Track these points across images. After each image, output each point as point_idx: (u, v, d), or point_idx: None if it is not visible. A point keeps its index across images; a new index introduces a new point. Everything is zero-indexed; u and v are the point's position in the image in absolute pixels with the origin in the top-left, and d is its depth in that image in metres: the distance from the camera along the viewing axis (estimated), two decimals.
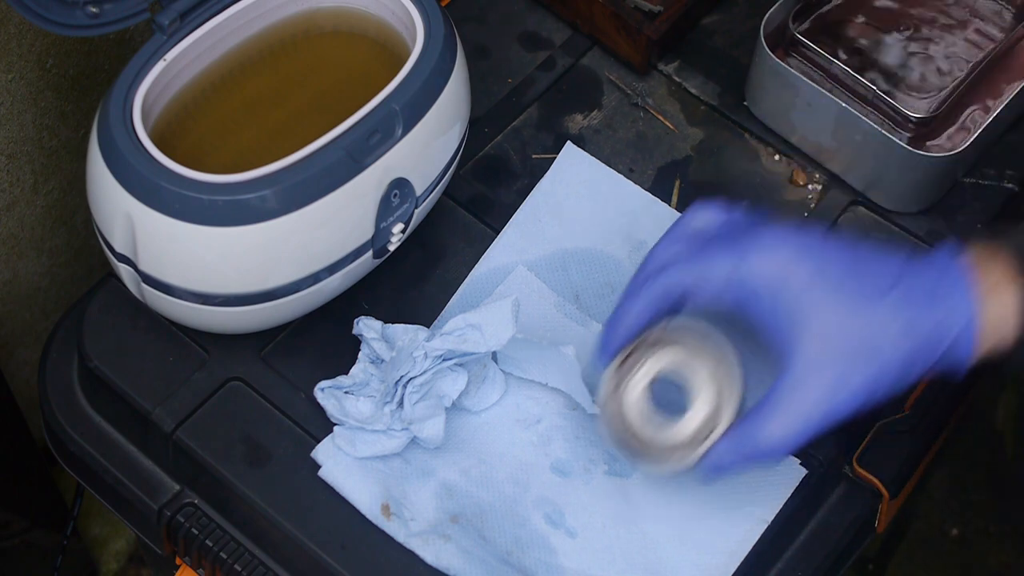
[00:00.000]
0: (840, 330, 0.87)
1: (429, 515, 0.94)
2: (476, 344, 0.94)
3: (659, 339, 0.92)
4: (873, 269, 0.88)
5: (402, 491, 0.94)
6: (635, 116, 1.13)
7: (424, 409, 0.94)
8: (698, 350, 0.92)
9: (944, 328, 0.87)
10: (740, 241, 0.89)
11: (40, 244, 1.29)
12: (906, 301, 0.87)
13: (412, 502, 0.94)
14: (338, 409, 0.95)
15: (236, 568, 0.97)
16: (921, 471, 1.06)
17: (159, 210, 0.89)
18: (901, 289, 0.87)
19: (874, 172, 1.08)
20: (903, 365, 0.87)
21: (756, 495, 0.96)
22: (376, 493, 0.94)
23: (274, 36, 1.00)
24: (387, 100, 0.93)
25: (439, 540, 0.92)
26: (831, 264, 0.88)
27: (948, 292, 0.87)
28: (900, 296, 0.87)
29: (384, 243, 0.98)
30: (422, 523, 0.93)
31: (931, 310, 0.87)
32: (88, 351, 1.00)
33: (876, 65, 1.11)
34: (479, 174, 1.09)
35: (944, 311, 0.87)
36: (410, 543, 0.92)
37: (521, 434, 0.98)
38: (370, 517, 0.93)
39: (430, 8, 0.98)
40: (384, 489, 0.94)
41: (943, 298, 0.87)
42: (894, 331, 0.87)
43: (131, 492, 1.00)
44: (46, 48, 1.16)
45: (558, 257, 1.06)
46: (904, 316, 0.87)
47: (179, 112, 0.97)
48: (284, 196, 0.90)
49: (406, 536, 0.93)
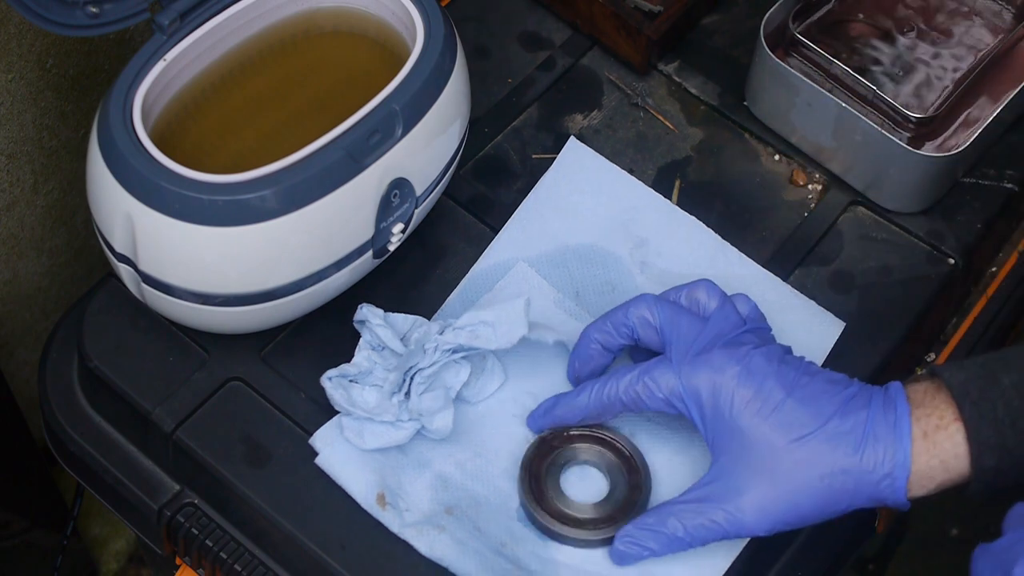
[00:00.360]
0: (769, 455, 0.89)
1: (424, 506, 0.94)
2: (487, 341, 0.94)
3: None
4: (817, 401, 0.89)
5: (398, 481, 0.94)
6: (635, 116, 1.13)
7: (431, 400, 0.94)
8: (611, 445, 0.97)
9: (874, 470, 0.88)
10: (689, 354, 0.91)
11: (40, 244, 1.29)
12: (840, 439, 0.88)
13: (407, 492, 0.94)
14: (345, 399, 0.95)
15: (236, 568, 0.97)
16: None
17: (159, 210, 0.89)
18: (837, 424, 0.88)
19: (874, 172, 1.08)
20: (824, 501, 0.89)
21: None
22: (372, 482, 0.94)
23: (274, 36, 1.00)
24: (387, 100, 0.93)
25: (433, 531, 0.92)
26: (774, 391, 0.89)
27: (885, 437, 0.88)
28: (835, 432, 0.88)
29: (384, 243, 0.98)
30: (417, 514, 0.93)
31: (862, 452, 0.88)
32: (88, 351, 1.00)
33: (876, 65, 1.11)
34: (479, 174, 1.09)
35: (877, 457, 0.88)
36: (404, 533, 0.93)
37: (517, 429, 0.98)
38: (365, 506, 0.93)
39: (430, 8, 0.98)
40: (380, 479, 0.94)
41: (879, 442, 0.88)
42: (822, 466, 0.88)
43: (131, 492, 1.00)
44: (46, 48, 1.16)
45: (559, 253, 1.06)
46: (835, 453, 0.88)
47: (179, 112, 0.97)
48: (284, 196, 0.90)
49: (400, 526, 0.93)
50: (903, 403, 0.88)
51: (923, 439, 0.87)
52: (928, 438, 0.87)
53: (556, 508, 0.94)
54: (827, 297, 1.05)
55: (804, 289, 1.05)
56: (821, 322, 1.03)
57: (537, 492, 0.94)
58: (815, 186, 1.11)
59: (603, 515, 0.94)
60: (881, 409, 0.88)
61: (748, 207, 1.09)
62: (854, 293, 1.05)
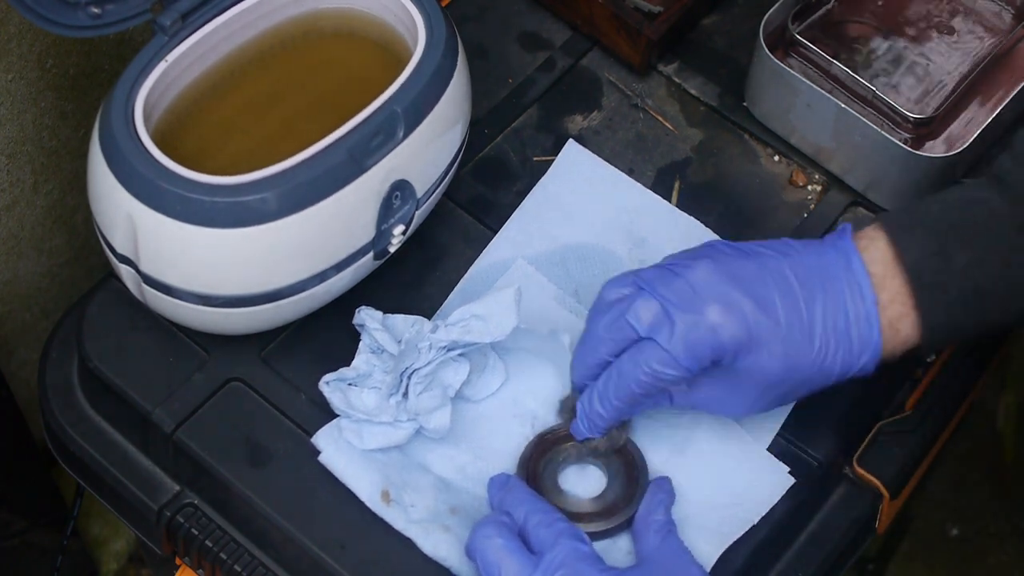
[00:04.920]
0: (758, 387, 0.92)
1: (429, 503, 0.94)
2: (481, 334, 0.94)
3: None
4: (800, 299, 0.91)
5: (403, 478, 0.94)
6: (635, 117, 1.13)
7: (429, 400, 0.94)
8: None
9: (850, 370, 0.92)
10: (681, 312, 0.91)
11: (40, 244, 1.29)
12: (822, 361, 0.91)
13: (413, 489, 0.94)
14: (343, 402, 0.95)
15: (236, 568, 0.97)
16: (921, 471, 1.06)
17: (160, 211, 0.89)
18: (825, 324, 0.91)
19: (873, 173, 1.08)
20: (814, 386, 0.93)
21: (742, 499, 0.96)
22: (376, 479, 0.94)
23: (276, 37, 1.00)
24: (389, 102, 0.93)
25: (439, 530, 0.92)
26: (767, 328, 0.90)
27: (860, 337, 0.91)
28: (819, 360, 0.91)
29: (385, 245, 0.98)
30: (422, 511, 0.93)
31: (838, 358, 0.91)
32: (88, 351, 1.00)
33: (876, 66, 1.11)
34: (479, 175, 1.09)
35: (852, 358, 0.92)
36: (409, 531, 0.93)
37: (517, 429, 0.98)
38: (369, 504, 0.93)
39: (431, 10, 0.98)
40: (384, 476, 0.94)
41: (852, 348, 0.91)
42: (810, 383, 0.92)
43: (131, 492, 1.00)
44: (46, 48, 1.16)
45: (558, 252, 1.06)
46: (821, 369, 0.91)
47: (181, 113, 0.97)
48: (285, 198, 0.90)
49: (406, 523, 0.93)
50: (870, 292, 0.91)
51: (889, 328, 0.91)
52: (893, 327, 0.91)
53: (554, 505, 0.94)
54: None
55: None
56: None
57: (536, 490, 0.94)
58: (815, 187, 1.11)
59: (601, 509, 0.94)
60: (853, 309, 0.91)
61: (748, 208, 1.09)
62: None
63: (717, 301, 0.90)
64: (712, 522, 0.95)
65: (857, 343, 0.91)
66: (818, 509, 0.99)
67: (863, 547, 1.02)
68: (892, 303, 0.91)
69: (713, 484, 0.96)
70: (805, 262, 0.92)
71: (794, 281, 0.91)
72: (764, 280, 0.91)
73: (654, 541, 0.91)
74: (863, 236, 0.92)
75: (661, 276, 0.91)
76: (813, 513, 0.99)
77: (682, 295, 0.90)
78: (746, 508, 0.96)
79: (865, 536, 1.01)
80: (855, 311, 0.91)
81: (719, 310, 0.89)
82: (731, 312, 0.89)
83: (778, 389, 0.92)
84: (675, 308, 0.90)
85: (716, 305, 0.89)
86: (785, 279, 0.91)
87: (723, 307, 0.89)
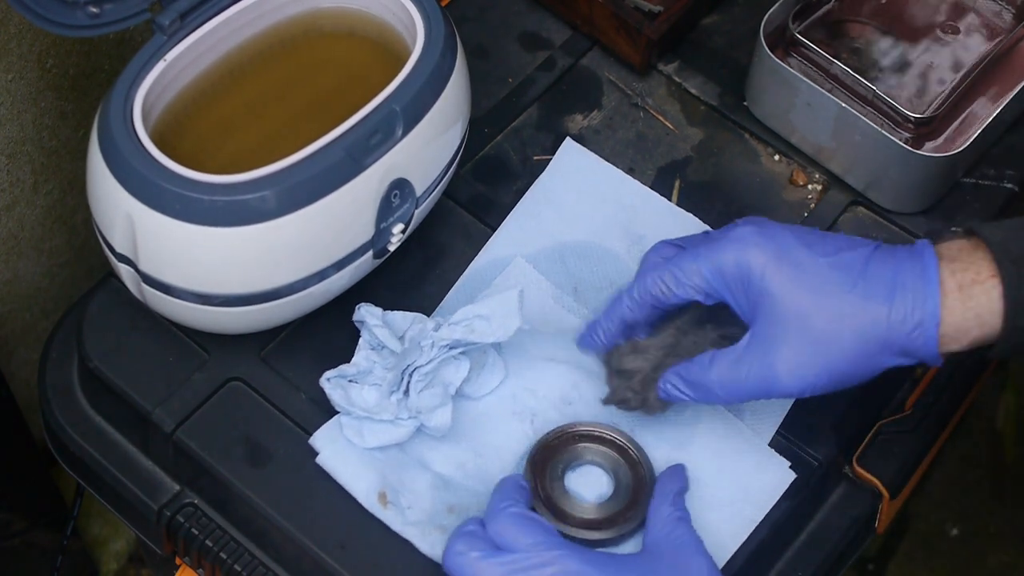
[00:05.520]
0: (799, 314, 0.88)
1: (426, 504, 0.94)
2: (484, 334, 0.95)
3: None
4: (842, 258, 0.89)
5: (399, 479, 0.94)
6: (635, 116, 1.13)
7: (430, 397, 0.94)
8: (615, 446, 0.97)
9: (904, 320, 0.87)
10: (711, 239, 0.92)
11: (40, 244, 1.29)
12: (869, 291, 0.87)
13: (410, 491, 0.94)
14: (344, 399, 0.95)
15: (236, 568, 0.97)
16: (921, 471, 1.06)
17: (159, 210, 0.89)
18: (866, 278, 0.88)
19: (874, 172, 1.08)
20: (857, 355, 0.88)
21: (744, 496, 0.96)
22: (373, 481, 0.94)
23: (274, 36, 1.00)
24: (387, 101, 0.93)
25: (435, 531, 0.92)
26: (800, 252, 0.89)
27: (913, 286, 0.87)
28: (864, 286, 0.88)
29: (384, 243, 0.98)
30: (419, 512, 0.93)
31: (893, 304, 0.87)
32: (88, 351, 1.00)
33: (876, 65, 1.11)
34: (479, 174, 1.09)
35: (907, 306, 0.87)
36: (406, 532, 0.93)
37: (517, 427, 0.98)
38: (366, 505, 0.93)
39: (430, 9, 0.98)
40: (381, 477, 0.94)
41: (907, 291, 0.87)
42: (853, 319, 0.87)
43: (131, 492, 1.00)
44: (46, 48, 1.16)
45: (556, 250, 1.06)
46: (865, 306, 0.87)
47: (179, 112, 0.97)
48: (284, 197, 0.90)
49: (402, 524, 0.93)
50: (931, 255, 0.88)
51: (958, 291, 0.87)
52: (964, 291, 0.87)
53: (561, 509, 0.94)
54: None
55: None
56: None
57: (542, 494, 0.94)
58: (815, 186, 1.11)
59: (608, 514, 0.94)
60: (908, 260, 0.88)
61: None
62: None
63: (755, 225, 0.90)
64: (714, 521, 0.95)
65: (911, 295, 0.87)
66: (818, 509, 0.99)
67: (863, 547, 1.02)
68: (965, 271, 0.87)
69: (715, 481, 0.96)
70: (860, 239, 0.91)
71: (842, 240, 0.90)
72: (810, 232, 0.91)
73: (663, 529, 0.91)
74: (942, 237, 0.90)
75: (699, 234, 0.94)
76: (813, 513, 0.99)
77: (725, 230, 0.92)
78: (749, 505, 0.96)
79: (865, 536, 1.01)
80: (910, 267, 0.87)
81: (754, 229, 0.90)
82: (765, 232, 0.90)
83: (812, 327, 0.88)
84: (714, 236, 0.92)
85: (753, 226, 0.90)
86: (833, 238, 0.90)
87: (759, 228, 0.90)
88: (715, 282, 0.91)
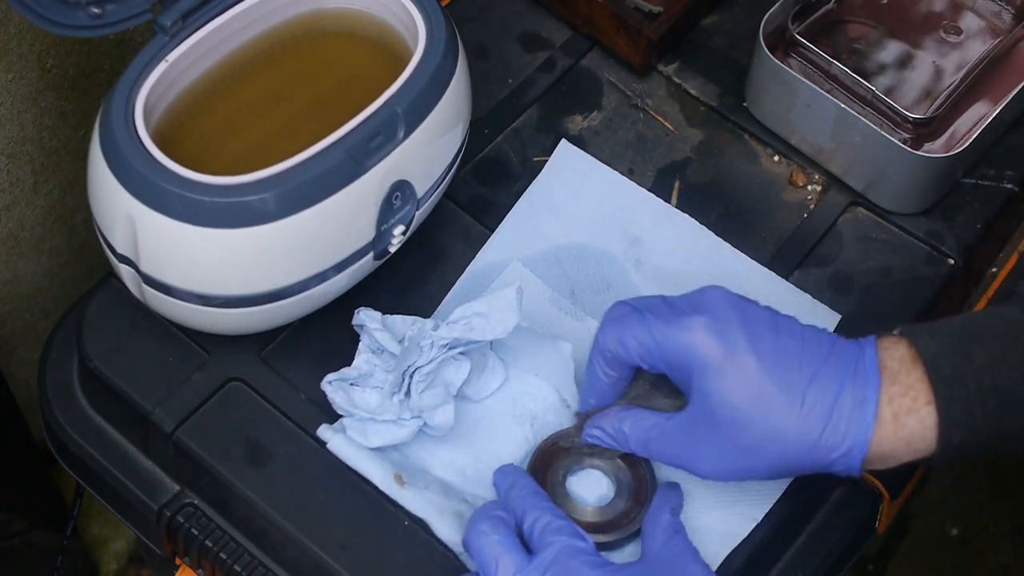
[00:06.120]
0: (733, 422, 0.89)
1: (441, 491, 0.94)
2: (483, 332, 0.94)
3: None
4: (788, 372, 0.88)
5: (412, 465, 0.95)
6: (635, 117, 1.13)
7: (432, 397, 0.94)
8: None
9: (832, 449, 0.88)
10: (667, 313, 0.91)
11: (40, 244, 1.29)
12: (807, 422, 0.88)
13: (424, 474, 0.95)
14: (346, 401, 0.95)
15: (236, 568, 0.97)
16: (921, 471, 1.06)
17: (161, 211, 0.89)
18: (807, 408, 0.88)
19: (874, 173, 1.08)
20: (778, 467, 0.89)
21: (746, 494, 0.96)
22: (387, 464, 0.94)
23: (276, 37, 1.00)
24: (389, 102, 0.93)
25: (454, 518, 0.92)
26: (747, 359, 0.88)
27: (849, 416, 0.87)
28: (801, 413, 0.88)
29: (385, 245, 0.98)
30: (437, 492, 0.94)
31: (825, 433, 0.87)
32: (88, 351, 1.00)
33: (875, 66, 1.11)
34: (479, 175, 1.09)
35: (838, 436, 0.87)
36: (426, 512, 0.93)
37: (517, 431, 0.98)
38: (383, 487, 0.93)
39: (431, 10, 0.98)
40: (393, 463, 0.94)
41: (842, 421, 0.87)
42: (783, 442, 0.88)
43: (131, 492, 1.00)
44: (46, 48, 1.16)
45: (553, 253, 1.06)
46: (799, 431, 0.88)
47: (181, 113, 0.97)
48: (286, 198, 0.90)
49: (422, 505, 0.93)
50: (874, 378, 0.87)
51: (892, 421, 0.87)
52: (898, 420, 0.87)
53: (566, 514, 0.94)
54: (827, 298, 1.05)
55: (804, 290, 1.05)
56: (816, 315, 1.03)
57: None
58: (815, 187, 1.11)
59: (607, 520, 0.94)
60: (851, 385, 0.87)
61: (748, 208, 1.09)
62: (854, 294, 1.05)
63: (711, 315, 0.89)
64: (716, 521, 0.95)
65: (845, 422, 0.87)
66: (818, 508, 0.99)
67: (863, 547, 1.02)
68: (903, 396, 0.87)
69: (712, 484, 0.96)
70: (819, 336, 0.90)
71: (797, 341, 0.89)
72: (768, 326, 0.89)
73: (659, 540, 0.91)
74: (884, 339, 0.90)
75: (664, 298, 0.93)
76: (813, 512, 0.99)
77: (688, 299, 0.91)
78: (750, 504, 0.96)
79: (865, 536, 1.01)
80: (852, 390, 0.87)
81: (707, 320, 0.89)
82: (718, 327, 0.89)
83: (745, 435, 0.88)
84: (674, 305, 0.91)
85: (707, 316, 0.89)
86: (790, 336, 0.89)
87: (713, 320, 0.89)
88: (658, 362, 0.91)
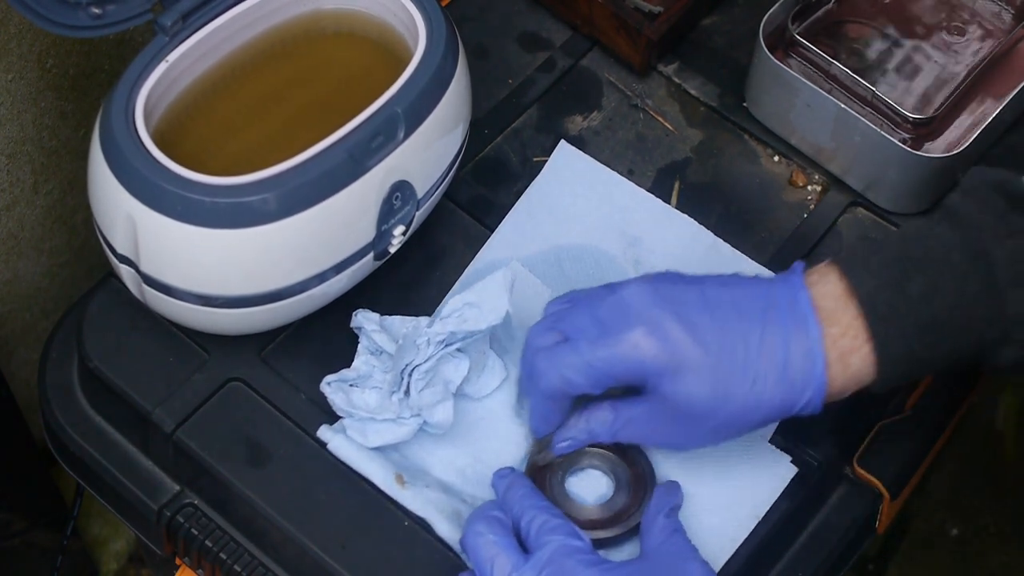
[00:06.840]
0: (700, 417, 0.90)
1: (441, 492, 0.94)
2: (476, 322, 0.94)
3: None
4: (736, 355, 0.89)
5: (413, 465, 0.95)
6: (635, 117, 1.13)
7: (431, 395, 0.94)
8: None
9: (794, 406, 0.90)
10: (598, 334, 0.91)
11: (40, 244, 1.29)
12: (764, 394, 0.89)
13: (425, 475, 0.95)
14: (346, 402, 0.95)
15: (236, 568, 0.97)
16: (921, 471, 1.06)
17: (161, 212, 0.89)
18: (760, 382, 0.89)
19: (874, 173, 1.08)
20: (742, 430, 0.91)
21: (747, 493, 0.97)
22: (387, 464, 0.94)
23: (276, 38, 1.00)
24: (389, 102, 0.93)
25: (455, 517, 0.92)
26: (694, 352, 0.89)
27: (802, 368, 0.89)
28: (760, 391, 0.89)
29: (385, 245, 0.98)
30: (438, 490, 0.94)
31: (784, 395, 0.89)
32: (88, 351, 1.00)
33: (875, 66, 1.11)
34: (479, 176, 1.09)
35: (795, 393, 0.89)
36: (426, 512, 0.93)
37: (517, 430, 0.98)
38: (383, 487, 0.93)
39: (432, 10, 0.98)
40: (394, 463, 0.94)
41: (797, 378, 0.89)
42: (741, 422, 0.90)
43: (131, 492, 1.00)
44: (46, 48, 1.16)
45: (552, 253, 1.06)
46: (761, 407, 0.90)
47: (181, 113, 0.97)
48: (286, 199, 0.90)
49: (422, 504, 0.93)
50: (815, 326, 0.89)
51: (839, 362, 0.89)
52: (843, 361, 0.89)
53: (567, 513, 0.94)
54: None
55: None
56: None
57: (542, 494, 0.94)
58: (815, 187, 1.11)
59: (608, 516, 0.94)
60: (795, 340, 0.88)
61: (748, 208, 1.09)
62: None
63: (644, 322, 0.89)
64: (717, 521, 0.95)
65: (800, 378, 0.89)
66: (818, 509, 0.99)
67: (863, 547, 1.02)
68: (843, 336, 0.89)
69: (715, 479, 0.96)
70: (749, 293, 0.90)
71: (732, 311, 0.89)
72: (700, 307, 0.89)
73: (658, 538, 0.91)
74: (814, 272, 0.91)
75: (597, 292, 0.92)
76: (813, 513, 0.99)
77: (612, 310, 0.90)
78: (751, 503, 0.96)
79: (865, 536, 1.01)
80: (797, 345, 0.89)
81: (644, 330, 0.89)
82: (656, 333, 0.89)
83: (711, 420, 0.90)
84: (602, 321, 0.90)
85: (642, 326, 0.89)
86: (723, 308, 0.89)
87: (649, 328, 0.89)
88: (607, 382, 0.91)
